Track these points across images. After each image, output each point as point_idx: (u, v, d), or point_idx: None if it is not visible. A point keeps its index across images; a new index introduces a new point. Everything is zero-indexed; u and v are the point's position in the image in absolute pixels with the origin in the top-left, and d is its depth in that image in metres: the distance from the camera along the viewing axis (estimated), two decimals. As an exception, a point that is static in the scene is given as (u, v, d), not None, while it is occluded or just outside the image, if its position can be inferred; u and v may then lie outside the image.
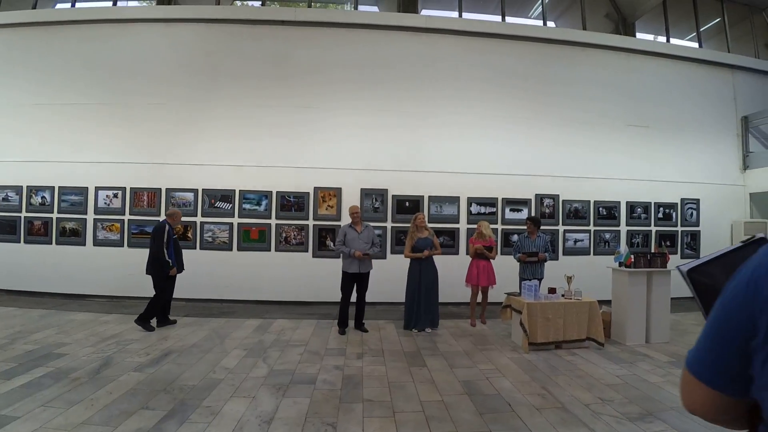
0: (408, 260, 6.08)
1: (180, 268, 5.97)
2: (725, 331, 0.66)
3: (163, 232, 5.69)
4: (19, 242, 7.69)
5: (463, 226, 7.80)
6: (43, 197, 7.70)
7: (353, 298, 5.90)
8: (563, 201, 8.17)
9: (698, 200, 8.75)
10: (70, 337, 5.17)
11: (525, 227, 6.44)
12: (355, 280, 5.85)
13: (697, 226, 8.76)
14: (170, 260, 5.68)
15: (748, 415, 0.66)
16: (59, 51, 7.92)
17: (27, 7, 8.86)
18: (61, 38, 7.97)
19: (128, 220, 7.59)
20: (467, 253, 6.31)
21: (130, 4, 9.29)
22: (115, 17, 8.02)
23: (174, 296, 7.04)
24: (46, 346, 4.77)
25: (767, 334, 0.60)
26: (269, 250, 7.57)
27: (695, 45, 9.99)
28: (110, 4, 8.86)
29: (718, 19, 10.41)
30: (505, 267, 6.85)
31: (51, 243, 7.65)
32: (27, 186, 7.72)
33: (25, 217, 7.71)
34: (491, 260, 6.23)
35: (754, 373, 0.62)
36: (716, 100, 9.14)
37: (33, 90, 7.82)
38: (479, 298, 6.40)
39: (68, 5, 8.99)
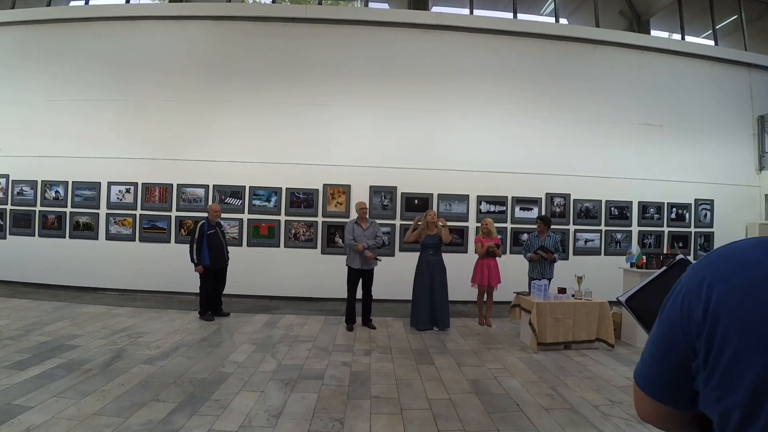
0: (415, 259, 6.08)
1: (217, 262, 6.12)
2: (667, 352, 0.69)
3: (194, 228, 6.01)
4: (34, 236, 7.84)
5: (472, 224, 7.76)
6: (57, 192, 7.82)
7: (359, 294, 5.90)
8: (574, 200, 8.08)
9: (712, 201, 8.60)
10: (82, 330, 5.25)
11: (535, 226, 6.38)
12: (359, 275, 5.86)
13: (711, 227, 8.62)
14: (195, 259, 5.92)
15: (696, 421, 0.69)
16: (73, 48, 8.02)
17: (41, 4, 9.00)
18: (74, 35, 8.07)
19: (140, 215, 7.67)
20: (475, 252, 6.27)
21: (143, 1, 9.36)
22: (127, 14, 8.10)
23: (182, 291, 7.19)
24: (59, 338, 4.85)
25: (706, 356, 0.61)
26: (278, 246, 7.61)
27: (711, 43, 9.79)
28: (123, 1, 8.94)
29: (734, 17, 10.19)
30: (514, 266, 6.80)
31: (64, 237, 7.78)
32: (41, 181, 7.85)
33: (39, 211, 7.84)
34: (497, 258, 6.19)
35: (698, 390, 0.65)
36: (732, 99, 8.95)
37: (47, 86, 7.94)
38: (484, 298, 6.34)
39: (82, 2, 9.09)
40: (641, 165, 8.32)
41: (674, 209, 8.48)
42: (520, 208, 7.94)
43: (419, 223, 6.06)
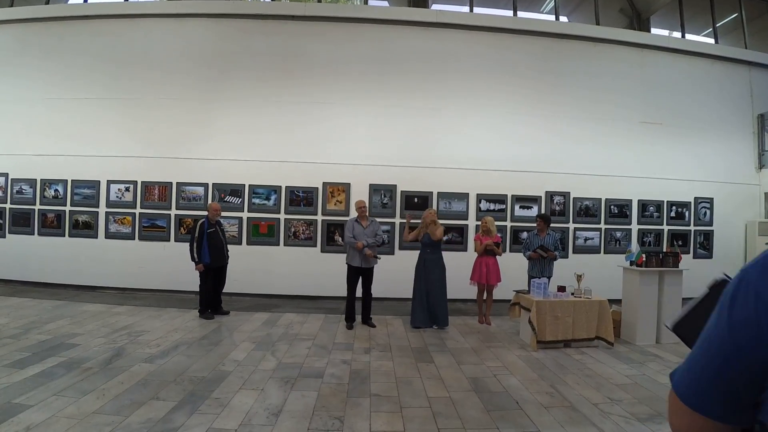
0: (415, 257, 6.08)
1: (218, 261, 6.13)
2: (730, 364, 0.61)
3: (195, 227, 6.03)
4: (33, 234, 7.83)
5: (472, 222, 7.75)
6: (56, 190, 7.81)
7: (359, 292, 5.91)
8: (574, 198, 8.08)
9: (712, 199, 8.59)
10: (82, 328, 5.25)
11: (535, 225, 6.38)
12: (359, 274, 5.86)
13: (711, 225, 8.62)
14: (196, 257, 5.94)
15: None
16: (72, 46, 8.00)
17: (40, 2, 8.97)
18: (73, 33, 8.05)
19: (139, 213, 7.67)
20: (475, 250, 6.28)
21: (142, -1, 9.33)
22: (126, 12, 8.07)
23: (182, 289, 7.19)
24: (59, 337, 4.85)
25: None
26: (278, 245, 7.61)
27: (711, 41, 9.78)
28: (122, -1, 8.92)
29: (735, 15, 10.18)
30: (514, 264, 6.80)
31: (64, 235, 7.77)
32: (41, 179, 7.83)
33: (38, 209, 7.83)
34: (497, 257, 6.19)
35: (763, 400, 0.59)
36: (732, 97, 8.93)
37: (46, 84, 7.92)
38: (484, 297, 6.34)
39: (80, 0, 9.06)
40: (641, 163, 8.30)
41: (674, 207, 8.47)
42: (520, 207, 7.94)
43: (412, 221, 6.08)
